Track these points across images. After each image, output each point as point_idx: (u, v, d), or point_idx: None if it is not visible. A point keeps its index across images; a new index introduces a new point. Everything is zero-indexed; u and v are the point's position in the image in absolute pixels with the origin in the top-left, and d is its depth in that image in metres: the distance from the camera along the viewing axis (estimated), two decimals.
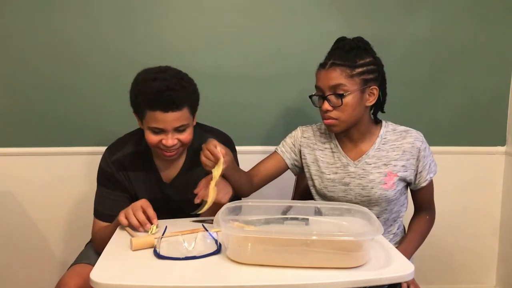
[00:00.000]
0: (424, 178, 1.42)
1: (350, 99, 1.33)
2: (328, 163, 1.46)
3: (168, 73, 1.28)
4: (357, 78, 1.33)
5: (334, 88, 1.33)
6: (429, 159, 1.42)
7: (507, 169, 2.12)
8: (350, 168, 1.43)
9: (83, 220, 1.98)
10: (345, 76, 1.32)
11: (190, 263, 1.05)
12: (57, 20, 1.84)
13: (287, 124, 1.95)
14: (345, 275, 0.99)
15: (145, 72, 1.31)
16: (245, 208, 1.22)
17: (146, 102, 1.24)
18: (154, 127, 1.26)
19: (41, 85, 1.88)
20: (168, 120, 1.25)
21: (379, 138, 1.43)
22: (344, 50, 1.35)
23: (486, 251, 2.20)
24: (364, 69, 1.34)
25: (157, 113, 1.24)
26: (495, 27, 2.02)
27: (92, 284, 0.96)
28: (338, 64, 1.33)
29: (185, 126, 1.29)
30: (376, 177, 1.40)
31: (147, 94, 1.24)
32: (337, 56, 1.34)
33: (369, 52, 1.37)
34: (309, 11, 1.93)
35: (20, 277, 2.01)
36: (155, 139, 1.28)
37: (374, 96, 1.37)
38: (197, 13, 1.89)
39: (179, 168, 1.44)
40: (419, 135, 1.42)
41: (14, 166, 1.93)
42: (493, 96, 2.08)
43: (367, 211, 1.16)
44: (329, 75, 1.33)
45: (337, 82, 1.32)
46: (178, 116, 1.25)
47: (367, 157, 1.42)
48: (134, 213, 1.21)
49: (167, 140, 1.27)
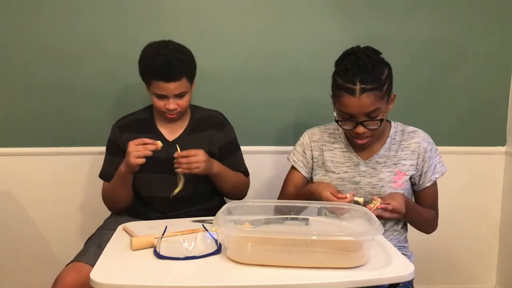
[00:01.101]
0: (428, 178, 1.43)
1: (384, 116, 1.35)
2: (338, 162, 1.47)
3: (168, 48, 1.50)
4: (386, 95, 1.34)
5: (371, 113, 1.32)
6: (435, 160, 1.44)
7: (507, 169, 2.12)
8: (361, 167, 1.44)
9: (83, 220, 1.99)
10: (379, 99, 1.31)
11: (190, 263, 1.05)
12: (57, 20, 1.84)
13: (297, 123, 1.97)
14: (345, 275, 0.99)
15: (149, 47, 1.54)
16: (245, 208, 1.22)
17: (151, 74, 1.49)
18: (158, 94, 1.50)
19: (41, 85, 1.88)
20: (169, 89, 1.48)
21: (389, 139, 1.45)
22: (367, 72, 1.30)
23: (486, 251, 2.20)
24: (387, 83, 1.34)
25: (160, 83, 1.47)
26: (495, 27, 2.02)
27: (92, 284, 0.96)
28: (369, 89, 1.29)
29: (184, 93, 1.52)
30: (386, 176, 1.42)
31: (151, 68, 1.49)
32: (364, 80, 1.29)
33: (385, 62, 1.36)
34: (310, 10, 1.93)
35: (19, 277, 2.00)
36: (160, 103, 1.51)
37: (393, 102, 1.40)
38: (197, 12, 1.89)
39: (180, 133, 1.62)
40: (426, 136, 1.45)
41: (14, 166, 1.93)
42: (493, 96, 2.08)
43: (367, 211, 1.16)
44: (363, 102, 1.30)
45: (373, 108, 1.31)
46: (177, 86, 1.48)
47: (378, 157, 1.44)
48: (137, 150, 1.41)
49: (169, 105, 1.50)
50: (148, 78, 1.50)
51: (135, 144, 1.42)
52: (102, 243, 1.34)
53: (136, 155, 1.40)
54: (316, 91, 1.87)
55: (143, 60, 1.53)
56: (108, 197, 1.60)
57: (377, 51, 1.37)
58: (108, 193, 1.59)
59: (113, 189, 1.56)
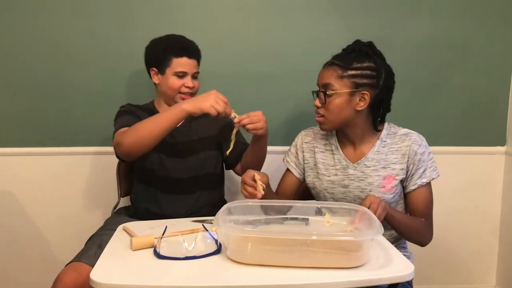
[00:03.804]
0: (414, 181, 1.38)
1: (335, 100, 1.35)
2: (328, 165, 1.47)
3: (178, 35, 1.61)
4: (347, 80, 1.34)
5: (325, 86, 1.37)
6: (425, 164, 1.38)
7: (507, 169, 2.12)
8: (349, 171, 1.43)
9: (83, 219, 1.99)
10: (336, 76, 1.35)
11: (190, 263, 1.05)
12: (57, 20, 1.84)
13: (301, 123, 1.94)
14: (345, 275, 0.99)
15: (159, 37, 1.61)
16: (245, 208, 1.22)
17: (175, 50, 1.55)
18: (179, 71, 1.55)
19: (41, 85, 1.88)
20: (191, 65, 1.57)
21: (379, 141, 1.42)
22: (346, 52, 1.37)
23: (486, 251, 2.20)
24: (357, 72, 1.33)
25: (184, 59, 1.55)
26: (495, 27, 2.02)
27: (92, 284, 0.96)
28: (333, 63, 1.36)
29: (198, 74, 1.61)
30: (374, 180, 1.39)
31: (174, 44, 1.56)
32: (337, 56, 1.38)
33: (371, 58, 1.35)
34: (310, 10, 1.93)
35: (19, 277, 2.00)
36: (179, 83, 1.56)
37: (365, 102, 1.35)
38: (198, 12, 1.90)
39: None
40: (418, 139, 1.39)
41: (14, 166, 1.93)
42: (493, 96, 2.08)
43: (367, 211, 1.16)
44: (324, 73, 1.38)
45: (327, 81, 1.36)
46: (195, 64, 1.59)
47: (367, 160, 1.41)
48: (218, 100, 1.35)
49: (189, 82, 1.57)
50: (169, 56, 1.55)
51: (219, 96, 1.35)
52: (102, 243, 1.34)
53: (215, 103, 1.33)
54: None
55: (161, 42, 1.59)
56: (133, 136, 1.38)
57: (372, 48, 1.37)
58: (133, 131, 1.40)
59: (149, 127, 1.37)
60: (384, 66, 1.37)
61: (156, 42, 1.61)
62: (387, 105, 1.41)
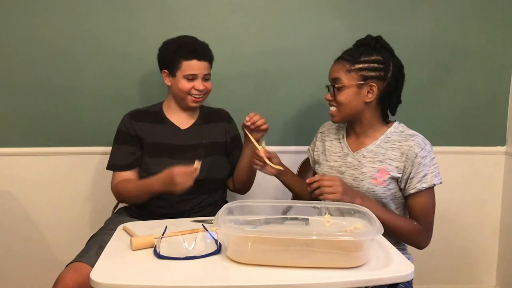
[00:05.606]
0: (413, 185, 1.37)
1: (344, 93, 1.40)
2: (332, 152, 1.53)
3: (191, 37, 1.62)
4: (354, 74, 1.39)
5: (334, 80, 1.42)
6: (427, 169, 1.36)
7: (507, 169, 2.12)
8: (348, 158, 1.47)
9: (83, 220, 1.99)
10: (344, 71, 1.40)
11: (190, 263, 1.05)
12: (58, 20, 1.84)
13: (298, 123, 2.00)
14: (345, 275, 0.99)
15: (171, 39, 1.61)
16: (245, 208, 1.22)
17: (185, 53, 1.55)
18: (189, 74, 1.55)
19: (42, 85, 1.88)
20: (201, 68, 1.56)
21: (383, 136, 1.44)
22: (355, 46, 1.44)
23: (486, 251, 2.20)
24: (365, 65, 1.38)
25: (193, 62, 1.55)
26: (496, 28, 2.02)
27: (92, 284, 0.96)
28: (343, 58, 1.42)
29: (209, 76, 1.61)
30: (368, 171, 1.41)
31: (185, 47, 1.56)
32: (347, 51, 1.44)
33: (379, 51, 1.40)
34: (311, 10, 1.93)
35: (19, 277, 2.00)
36: (188, 86, 1.56)
37: (374, 94, 1.39)
38: (200, 13, 1.89)
39: (191, 123, 1.68)
40: (422, 142, 1.38)
41: (14, 166, 1.93)
42: (493, 96, 2.08)
43: (367, 211, 1.16)
44: (333, 68, 1.44)
45: (335, 76, 1.41)
46: (206, 66, 1.58)
47: (366, 151, 1.45)
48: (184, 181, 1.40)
49: (199, 85, 1.56)
50: (179, 60, 1.55)
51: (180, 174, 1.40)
52: (103, 243, 1.33)
53: (185, 186, 1.41)
54: (318, 90, 1.87)
55: (172, 44, 1.58)
56: (124, 198, 1.63)
57: (380, 41, 1.42)
58: (124, 194, 1.60)
59: (135, 196, 1.58)
60: (392, 59, 1.42)
61: (167, 44, 1.61)
62: (397, 97, 1.45)
